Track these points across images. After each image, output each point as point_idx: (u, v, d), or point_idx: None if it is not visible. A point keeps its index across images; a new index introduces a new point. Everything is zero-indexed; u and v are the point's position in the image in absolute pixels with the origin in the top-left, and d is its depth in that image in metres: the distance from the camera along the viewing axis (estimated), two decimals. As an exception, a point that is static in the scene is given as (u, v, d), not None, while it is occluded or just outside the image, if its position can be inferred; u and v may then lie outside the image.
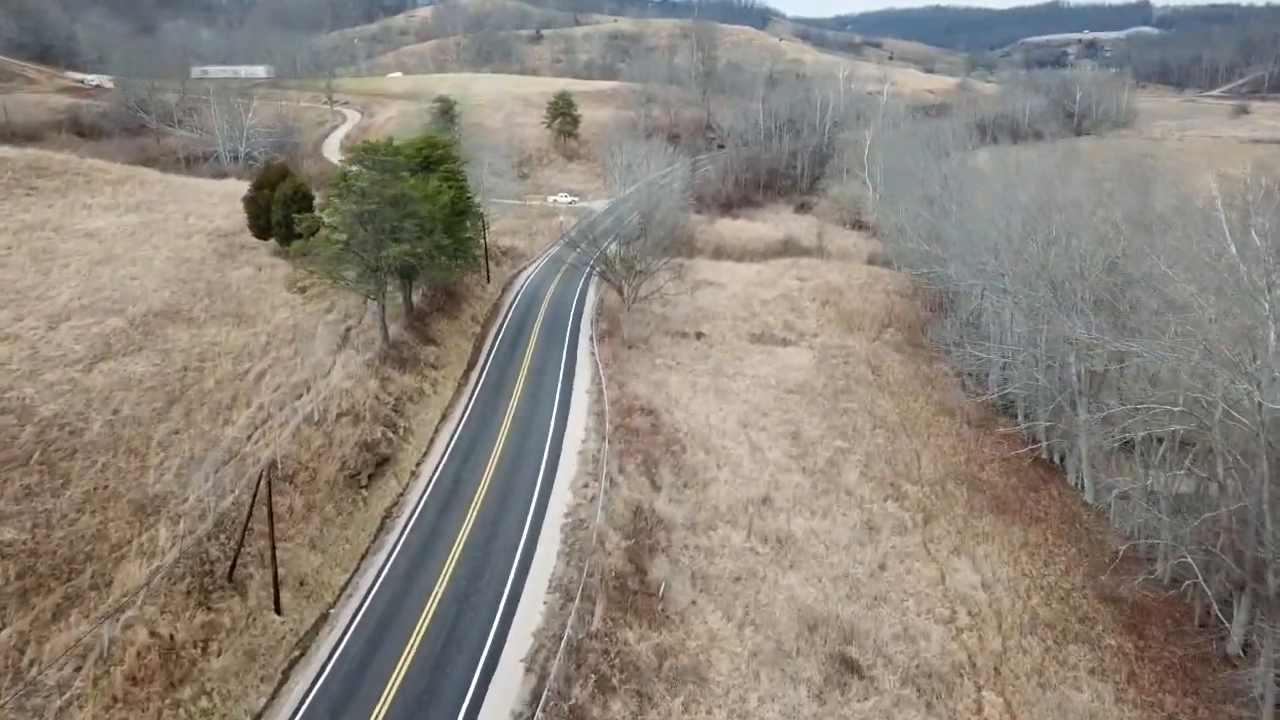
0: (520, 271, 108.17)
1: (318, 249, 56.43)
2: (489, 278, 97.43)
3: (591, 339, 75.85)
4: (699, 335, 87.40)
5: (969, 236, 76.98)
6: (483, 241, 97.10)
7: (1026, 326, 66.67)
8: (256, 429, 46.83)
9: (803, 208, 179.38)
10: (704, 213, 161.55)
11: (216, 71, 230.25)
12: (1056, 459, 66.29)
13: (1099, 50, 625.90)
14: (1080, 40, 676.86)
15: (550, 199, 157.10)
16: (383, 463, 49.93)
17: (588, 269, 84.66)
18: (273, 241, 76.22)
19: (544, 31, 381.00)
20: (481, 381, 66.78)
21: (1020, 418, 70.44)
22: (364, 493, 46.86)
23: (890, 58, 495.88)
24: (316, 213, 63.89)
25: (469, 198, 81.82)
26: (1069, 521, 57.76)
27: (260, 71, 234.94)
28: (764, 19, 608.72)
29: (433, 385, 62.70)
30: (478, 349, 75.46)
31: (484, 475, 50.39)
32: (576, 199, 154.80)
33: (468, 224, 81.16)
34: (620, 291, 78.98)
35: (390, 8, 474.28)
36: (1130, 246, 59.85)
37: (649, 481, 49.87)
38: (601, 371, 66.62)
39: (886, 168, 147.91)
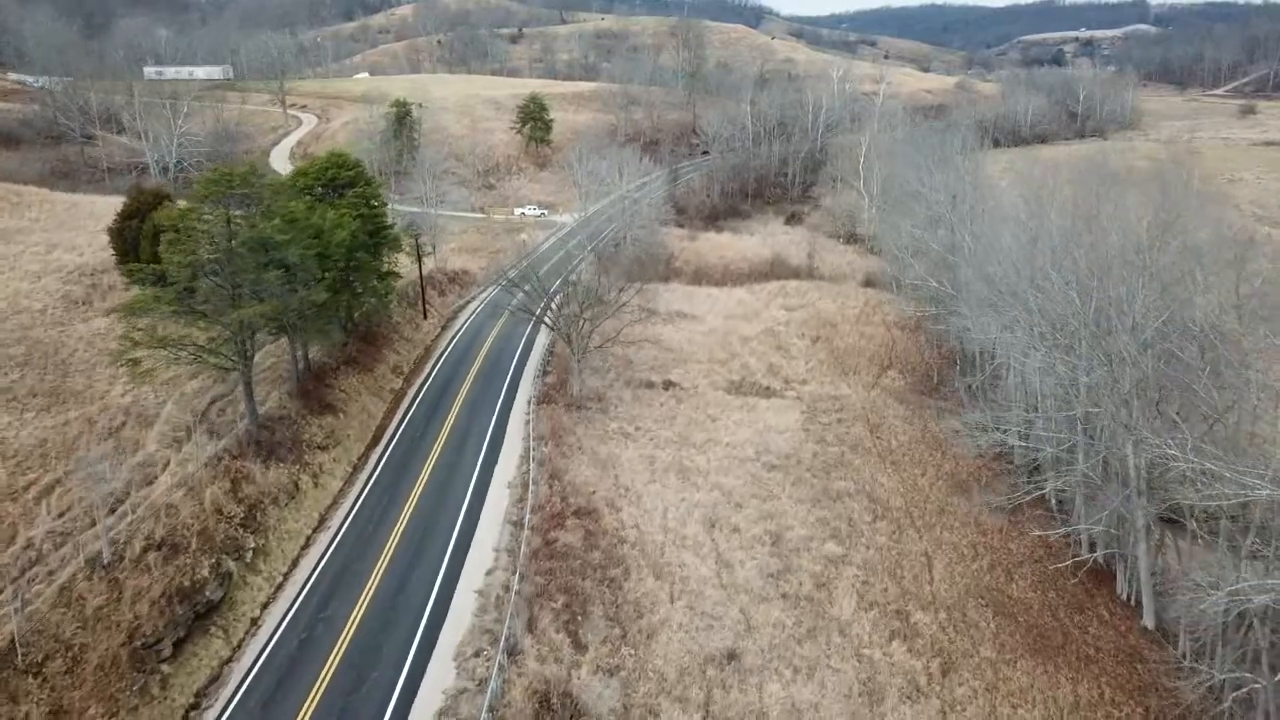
0: (469, 302, 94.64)
1: (148, 308, 42.89)
2: (425, 313, 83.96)
3: (531, 401, 62.25)
4: (668, 385, 74.13)
5: (986, 276, 63.65)
6: (419, 272, 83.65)
7: (1061, 391, 53.31)
8: (10, 583, 33.37)
9: (793, 219, 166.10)
10: (686, 226, 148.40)
11: (171, 73, 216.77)
12: (1100, 554, 52.86)
13: (1096, 48, 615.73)
14: (1077, 38, 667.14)
15: (517, 212, 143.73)
16: (208, 613, 36.51)
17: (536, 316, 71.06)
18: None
19: (526, 30, 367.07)
20: (382, 464, 53.38)
21: (1052, 501, 57.01)
22: (164, 671, 33.43)
23: (885, 56, 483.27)
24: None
25: (388, 227, 68.32)
26: (1127, 661, 44.46)
27: (217, 72, 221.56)
28: (758, 17, 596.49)
29: (314, 477, 49.21)
30: (390, 413, 62.09)
31: (344, 633, 36.91)
32: (546, 212, 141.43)
33: (384, 259, 67.68)
34: (568, 341, 65.55)
35: (371, 6, 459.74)
36: (1209, 299, 46.52)
37: (570, 640, 36.49)
38: (533, 452, 53.12)
39: (884, 176, 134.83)
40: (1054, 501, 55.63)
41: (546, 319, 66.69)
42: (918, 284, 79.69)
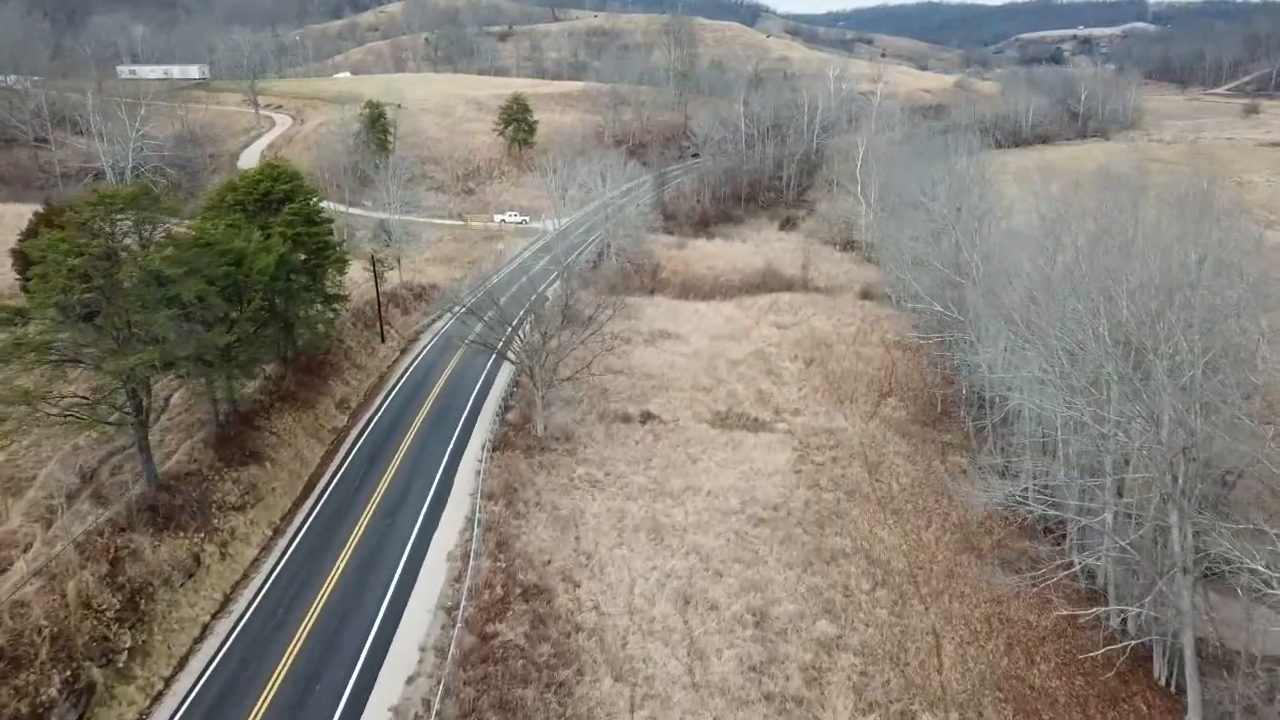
0: (435, 319, 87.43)
1: (6, 357, 35.71)
2: (384, 335, 76.94)
3: (486, 445, 55.10)
4: (646, 417, 67.20)
5: (997, 303, 56.69)
6: (376, 292, 76.66)
7: (1090, 446, 46.36)
8: None
9: (788, 224, 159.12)
10: (675, 233, 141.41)
11: (146, 72, 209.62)
12: (1136, 637, 46.00)
13: (1095, 46, 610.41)
14: (1075, 36, 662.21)
15: (497, 219, 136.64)
16: (54, 745, 29.54)
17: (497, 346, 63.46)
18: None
19: (516, 28, 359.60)
20: (308, 526, 46.39)
21: (1077, 565, 50.01)
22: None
23: (883, 54, 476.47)
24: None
25: (333, 246, 61.30)
26: (1175, 771, 37.72)
27: (194, 71, 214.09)
28: (754, 15, 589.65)
29: (223, 546, 42.23)
30: (329, 457, 55.16)
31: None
32: (527, 219, 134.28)
33: (327, 282, 60.69)
34: (531, 375, 58.55)
35: (360, 4, 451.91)
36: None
37: (500, 779, 29.55)
38: (479, 514, 46.06)
39: (882, 181, 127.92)
40: (1080, 570, 48.64)
41: (510, 353, 59.63)
42: (920, 307, 72.56)
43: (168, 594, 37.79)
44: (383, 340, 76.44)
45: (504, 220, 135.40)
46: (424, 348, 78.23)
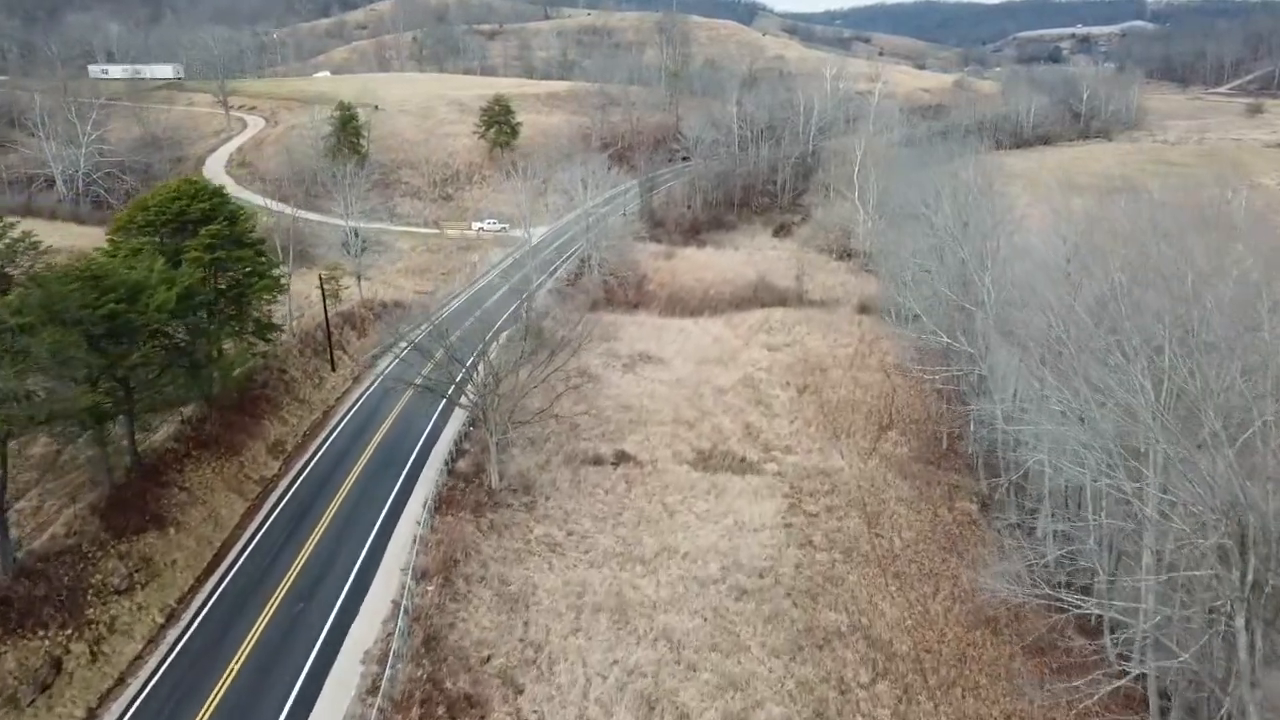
0: (397, 341, 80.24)
1: None
2: (334, 364, 69.94)
3: (427, 505, 47.96)
4: (620, 459, 60.38)
5: (1013, 338, 49.77)
6: (325, 316, 69.70)
7: (1132, 528, 39.39)
8: None
9: (782, 230, 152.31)
10: (663, 241, 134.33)
11: (118, 71, 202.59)
12: None
13: (1094, 45, 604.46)
14: (1074, 35, 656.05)
15: (475, 226, 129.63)
16: None
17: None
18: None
19: (507, 26, 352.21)
20: (206, 610, 39.27)
21: (1110, 657, 42.82)
22: None
23: (880, 53, 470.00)
24: None
25: (262, 273, 54.22)
26: None
27: (168, 71, 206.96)
28: (751, 14, 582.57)
29: (94, 644, 35.20)
30: (250, 515, 48.20)
31: None
32: (506, 226, 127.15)
33: (254, 312, 53.67)
34: (484, 418, 51.54)
35: (349, 2, 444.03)
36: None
37: None
38: (408, 600, 38.97)
39: (881, 187, 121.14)
40: (1113, 657, 41.51)
41: (461, 396, 52.58)
42: (924, 337, 65.60)
43: (13, 718, 30.80)
44: (333, 369, 69.46)
45: (482, 228, 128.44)
46: (379, 375, 71.07)
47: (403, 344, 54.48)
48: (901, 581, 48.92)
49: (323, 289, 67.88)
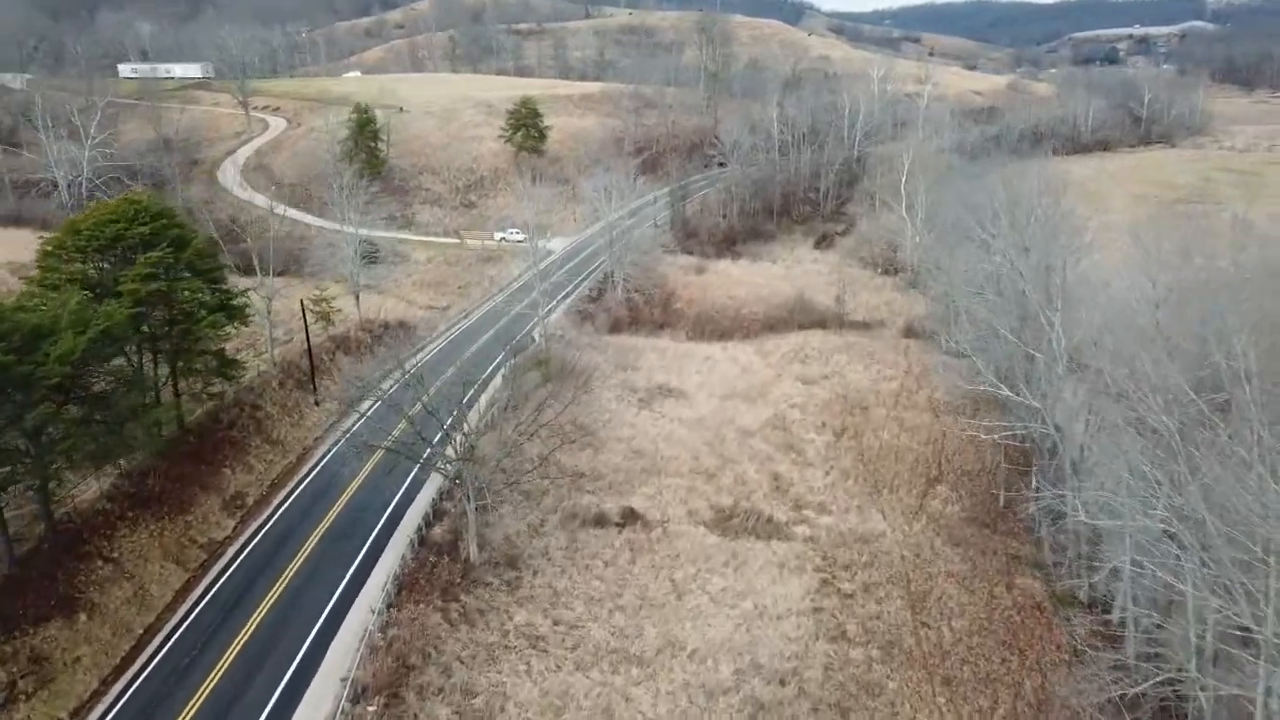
0: (396, 368, 73.39)
1: None
2: (318, 399, 63.22)
3: (388, 585, 40.69)
4: (626, 518, 52.83)
5: (1096, 410, 41.29)
6: (308, 345, 63.02)
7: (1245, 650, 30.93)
8: None
9: (824, 241, 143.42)
10: (695, 253, 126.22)
11: (147, 70, 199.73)
12: None
13: (1153, 46, 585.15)
14: (1131, 35, 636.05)
15: (496, 236, 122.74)
16: None
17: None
18: None
19: (545, 25, 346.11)
20: (106, 730, 32.44)
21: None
22: None
23: (930, 54, 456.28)
24: None
25: (228, 303, 47.47)
26: None
27: (196, 70, 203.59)
28: (798, 13, 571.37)
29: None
30: (183, 595, 41.27)
31: None
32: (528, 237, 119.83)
33: (201, 349, 46.91)
34: (458, 481, 44.29)
35: (389, 1, 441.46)
36: None
37: None
38: (344, 722, 31.76)
39: (931, 198, 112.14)
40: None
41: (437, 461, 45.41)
42: (977, 383, 57.03)
43: None
44: (317, 403, 62.68)
45: (504, 238, 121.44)
46: (369, 410, 64.15)
47: (367, 401, 47.11)
48: (952, 690, 40.77)
49: (304, 315, 61.14)
